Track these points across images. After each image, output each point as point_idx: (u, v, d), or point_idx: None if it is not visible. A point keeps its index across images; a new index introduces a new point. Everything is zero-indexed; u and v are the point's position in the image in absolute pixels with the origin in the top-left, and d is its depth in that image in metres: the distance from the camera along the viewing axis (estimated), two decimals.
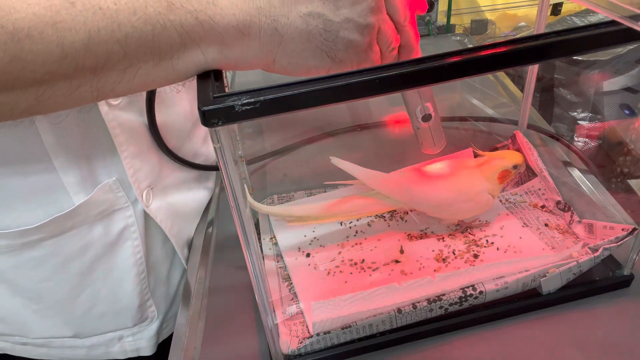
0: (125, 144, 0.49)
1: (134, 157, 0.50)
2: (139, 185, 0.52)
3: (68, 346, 0.59)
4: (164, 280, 0.61)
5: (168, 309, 0.63)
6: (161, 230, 0.57)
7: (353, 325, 0.44)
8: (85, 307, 0.55)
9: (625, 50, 1.06)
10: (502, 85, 0.90)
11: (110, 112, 0.46)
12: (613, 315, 0.47)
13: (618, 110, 1.06)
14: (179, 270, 0.63)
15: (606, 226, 0.50)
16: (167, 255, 0.61)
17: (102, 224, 0.52)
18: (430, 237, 0.55)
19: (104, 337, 0.59)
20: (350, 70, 0.30)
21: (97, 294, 0.55)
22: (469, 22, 1.32)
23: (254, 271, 0.38)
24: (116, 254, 0.54)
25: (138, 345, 0.60)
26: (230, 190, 0.33)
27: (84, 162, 0.48)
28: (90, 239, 0.52)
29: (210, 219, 0.66)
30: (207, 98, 0.29)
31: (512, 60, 0.32)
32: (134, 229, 0.54)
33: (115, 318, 0.58)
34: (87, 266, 0.53)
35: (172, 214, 0.58)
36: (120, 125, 0.48)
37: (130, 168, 0.50)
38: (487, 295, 0.46)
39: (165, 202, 0.57)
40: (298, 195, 0.64)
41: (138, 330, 0.60)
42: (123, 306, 0.57)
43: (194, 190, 0.63)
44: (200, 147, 0.64)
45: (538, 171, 0.60)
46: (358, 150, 0.77)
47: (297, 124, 0.83)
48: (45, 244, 0.50)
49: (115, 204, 0.52)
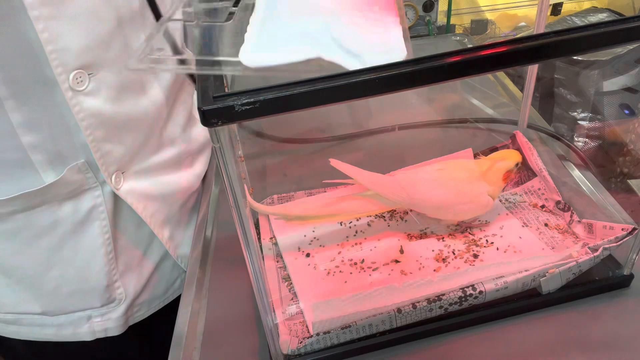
0: (91, 129, 0.50)
1: (101, 141, 0.51)
2: (107, 168, 0.53)
3: (37, 324, 0.60)
4: (136, 263, 0.62)
5: (139, 293, 0.63)
6: (135, 213, 0.58)
7: (353, 325, 0.44)
8: (54, 284, 0.57)
9: (625, 50, 1.05)
10: (502, 85, 0.90)
11: (74, 97, 0.47)
12: (613, 315, 0.47)
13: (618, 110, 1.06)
14: (156, 254, 0.64)
15: (606, 226, 0.50)
16: (142, 238, 0.61)
17: (72, 203, 0.54)
18: (430, 237, 0.55)
19: (72, 315, 0.60)
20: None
21: (66, 272, 0.57)
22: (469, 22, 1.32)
23: (253, 271, 0.38)
24: (84, 232, 0.55)
25: (106, 325, 0.62)
26: (230, 190, 0.33)
27: (51, 142, 0.50)
28: (59, 215, 0.53)
29: (210, 219, 0.66)
30: (207, 98, 0.29)
31: (512, 60, 0.32)
32: (102, 209, 0.55)
33: (83, 297, 0.59)
34: (56, 242, 0.55)
35: (146, 197, 0.58)
36: (84, 110, 0.49)
37: (97, 152, 0.51)
38: (487, 295, 0.46)
39: (139, 184, 0.57)
40: (298, 195, 0.64)
41: (106, 310, 0.61)
42: (91, 286, 0.58)
43: (173, 174, 0.63)
44: (180, 134, 0.64)
45: (538, 171, 0.60)
46: (358, 151, 0.77)
47: (297, 124, 0.83)
48: (17, 217, 0.52)
49: (84, 184, 0.53)
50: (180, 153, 0.64)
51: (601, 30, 0.31)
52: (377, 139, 0.78)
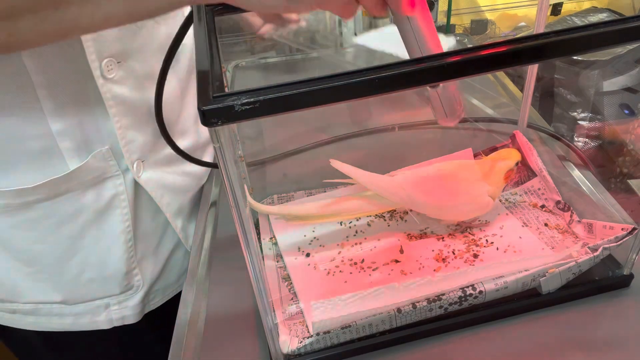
0: (119, 116, 0.51)
1: (127, 128, 0.53)
2: (130, 156, 0.54)
3: (56, 314, 0.60)
4: (152, 250, 0.63)
5: (155, 280, 0.64)
6: (152, 202, 0.59)
7: (353, 325, 0.44)
8: (75, 272, 0.57)
9: (625, 50, 1.06)
10: (502, 85, 0.90)
11: (105, 84, 0.49)
12: (613, 315, 0.47)
13: (618, 110, 1.06)
14: (170, 243, 0.65)
15: (606, 226, 0.50)
16: (157, 226, 0.63)
17: (94, 190, 0.54)
18: (430, 237, 0.55)
19: (91, 304, 0.60)
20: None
21: (87, 259, 0.57)
22: (469, 22, 1.32)
23: (253, 271, 0.38)
24: (106, 220, 0.56)
25: (123, 313, 0.62)
26: (230, 190, 0.33)
27: (79, 129, 0.50)
28: (82, 203, 0.54)
29: (210, 219, 0.66)
30: (206, 98, 0.29)
31: (512, 60, 0.32)
32: (124, 197, 0.56)
33: (102, 285, 0.59)
34: (78, 230, 0.55)
35: (162, 185, 0.60)
36: (114, 98, 0.50)
37: (122, 139, 0.53)
38: (487, 295, 0.46)
39: (156, 174, 0.59)
40: (298, 195, 0.64)
41: (124, 298, 0.62)
42: (110, 273, 0.59)
43: (186, 165, 0.65)
44: (191, 126, 0.66)
45: (538, 171, 0.60)
46: (358, 150, 0.77)
47: (297, 124, 0.83)
48: (41, 205, 0.52)
49: (107, 171, 0.54)
50: (191, 145, 0.65)
51: (601, 30, 0.31)
52: (377, 139, 0.78)
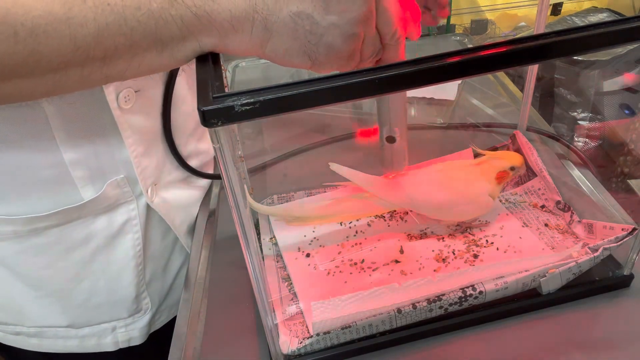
0: (135, 145, 0.51)
1: (142, 156, 0.53)
2: (146, 182, 0.54)
3: (61, 336, 0.60)
4: (160, 272, 0.62)
5: (162, 301, 0.64)
6: (162, 223, 0.59)
7: (353, 325, 0.44)
8: (83, 297, 0.57)
9: (625, 50, 1.06)
10: (502, 85, 0.90)
11: (122, 115, 0.49)
12: (613, 315, 0.47)
13: (618, 110, 1.06)
14: (178, 261, 0.65)
15: (606, 226, 0.50)
16: (166, 247, 0.62)
17: (106, 216, 0.54)
18: (430, 237, 0.55)
19: (97, 327, 0.60)
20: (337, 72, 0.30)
21: (96, 285, 0.56)
22: (469, 22, 1.32)
23: (253, 271, 0.38)
24: (117, 245, 0.55)
25: (130, 335, 0.62)
26: (230, 190, 0.33)
27: (94, 158, 0.50)
28: (93, 229, 0.53)
29: (210, 219, 0.66)
30: (206, 98, 0.29)
31: (512, 60, 0.32)
32: (136, 222, 0.55)
33: (110, 309, 0.59)
34: (88, 256, 0.54)
35: (173, 207, 0.60)
36: (131, 128, 0.50)
37: (138, 166, 0.52)
38: (487, 295, 0.46)
39: (167, 196, 0.58)
40: (298, 195, 0.64)
41: (132, 321, 0.61)
42: (119, 297, 0.58)
43: (193, 183, 0.65)
44: (198, 145, 0.65)
45: (538, 171, 0.60)
46: (358, 150, 0.77)
47: (297, 124, 0.83)
48: (51, 232, 0.52)
49: (120, 198, 0.54)
50: (198, 164, 0.65)
51: (601, 30, 0.31)
52: (377, 140, 0.78)
